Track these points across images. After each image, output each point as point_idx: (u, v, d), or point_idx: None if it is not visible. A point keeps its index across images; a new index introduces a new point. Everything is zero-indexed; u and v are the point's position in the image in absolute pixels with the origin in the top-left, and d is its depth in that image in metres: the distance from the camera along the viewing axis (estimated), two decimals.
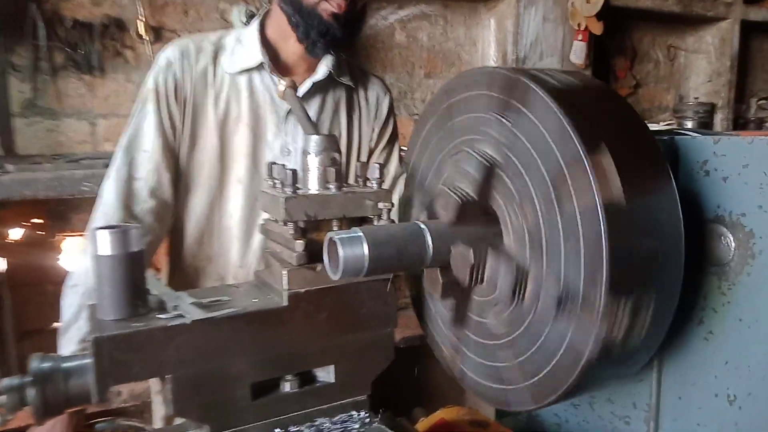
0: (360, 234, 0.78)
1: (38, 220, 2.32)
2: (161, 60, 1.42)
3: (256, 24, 1.47)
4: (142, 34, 2.36)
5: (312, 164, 0.94)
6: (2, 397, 0.76)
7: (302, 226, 0.90)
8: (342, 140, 1.55)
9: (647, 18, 3.47)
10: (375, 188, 0.94)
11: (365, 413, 0.95)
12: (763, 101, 3.79)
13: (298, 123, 1.39)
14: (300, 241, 0.88)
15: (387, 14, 2.95)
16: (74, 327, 1.29)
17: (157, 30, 2.45)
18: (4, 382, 0.77)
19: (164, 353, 0.79)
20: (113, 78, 2.41)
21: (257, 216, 1.44)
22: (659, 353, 0.97)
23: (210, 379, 0.84)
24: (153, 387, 1.66)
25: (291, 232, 0.88)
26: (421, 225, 0.85)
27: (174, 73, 1.40)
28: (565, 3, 2.95)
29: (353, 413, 0.95)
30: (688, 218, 0.80)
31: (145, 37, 2.37)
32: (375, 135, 1.63)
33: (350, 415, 0.94)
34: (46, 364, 0.78)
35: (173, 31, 2.49)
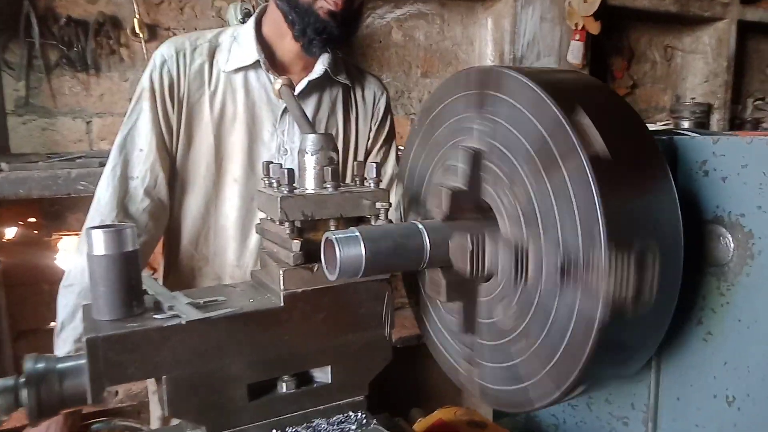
0: (357, 234, 0.78)
1: (33, 220, 2.31)
2: (157, 58, 1.41)
3: (252, 22, 1.46)
4: (138, 32, 2.35)
5: (309, 163, 0.94)
6: None
7: (299, 226, 0.89)
8: (339, 139, 1.54)
9: (644, 18, 3.47)
10: (372, 188, 0.93)
11: (362, 414, 0.94)
12: (760, 102, 3.79)
13: (295, 122, 1.38)
14: (297, 241, 0.87)
15: (384, 13, 2.95)
16: (69, 327, 1.28)
17: (152, 28, 2.44)
18: None
19: (160, 354, 0.79)
20: (108, 76, 2.39)
21: (254, 216, 1.44)
22: (658, 354, 0.97)
23: (206, 380, 0.84)
24: (150, 387, 1.65)
25: (288, 232, 0.88)
26: (418, 224, 0.86)
27: (169, 71, 1.39)
28: (563, 2, 2.95)
29: (350, 414, 0.94)
30: (687, 218, 0.79)
31: (141, 35, 2.36)
32: (372, 134, 1.62)
33: (347, 416, 0.94)
34: (41, 365, 0.78)
35: (168, 29, 2.47)
